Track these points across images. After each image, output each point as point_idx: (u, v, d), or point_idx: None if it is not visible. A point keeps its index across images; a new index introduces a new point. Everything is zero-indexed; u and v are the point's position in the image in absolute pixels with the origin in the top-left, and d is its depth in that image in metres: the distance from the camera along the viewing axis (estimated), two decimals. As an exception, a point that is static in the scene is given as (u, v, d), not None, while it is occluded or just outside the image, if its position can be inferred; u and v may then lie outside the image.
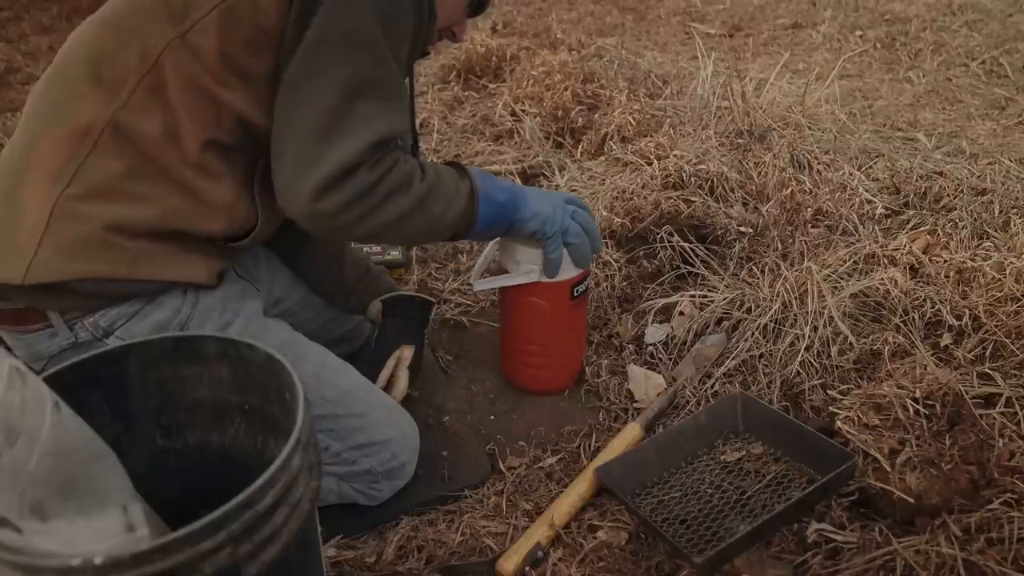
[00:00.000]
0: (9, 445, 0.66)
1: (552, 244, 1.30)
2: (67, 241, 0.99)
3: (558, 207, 1.29)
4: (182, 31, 0.99)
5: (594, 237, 1.35)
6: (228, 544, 0.68)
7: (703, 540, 1.15)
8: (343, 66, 0.98)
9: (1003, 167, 2.11)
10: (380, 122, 1.01)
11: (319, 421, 1.16)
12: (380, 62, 1.01)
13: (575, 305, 1.44)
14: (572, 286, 1.40)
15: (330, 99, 0.98)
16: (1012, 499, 1.11)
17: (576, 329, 1.52)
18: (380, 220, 1.05)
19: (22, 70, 3.68)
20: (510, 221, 1.24)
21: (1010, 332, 1.41)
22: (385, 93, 1.03)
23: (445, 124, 2.70)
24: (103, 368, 0.89)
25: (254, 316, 1.18)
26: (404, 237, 1.18)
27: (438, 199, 1.11)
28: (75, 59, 1.04)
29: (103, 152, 1.00)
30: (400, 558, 1.19)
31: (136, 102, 1.00)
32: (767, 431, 1.33)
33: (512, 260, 1.38)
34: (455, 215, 1.15)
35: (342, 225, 1.03)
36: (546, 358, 1.49)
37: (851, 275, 1.61)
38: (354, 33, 0.98)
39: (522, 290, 1.39)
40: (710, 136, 2.12)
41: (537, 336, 1.46)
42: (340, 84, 0.98)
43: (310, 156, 0.98)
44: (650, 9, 4.43)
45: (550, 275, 1.35)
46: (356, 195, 1.00)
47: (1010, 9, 3.81)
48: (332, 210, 1.00)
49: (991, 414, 1.25)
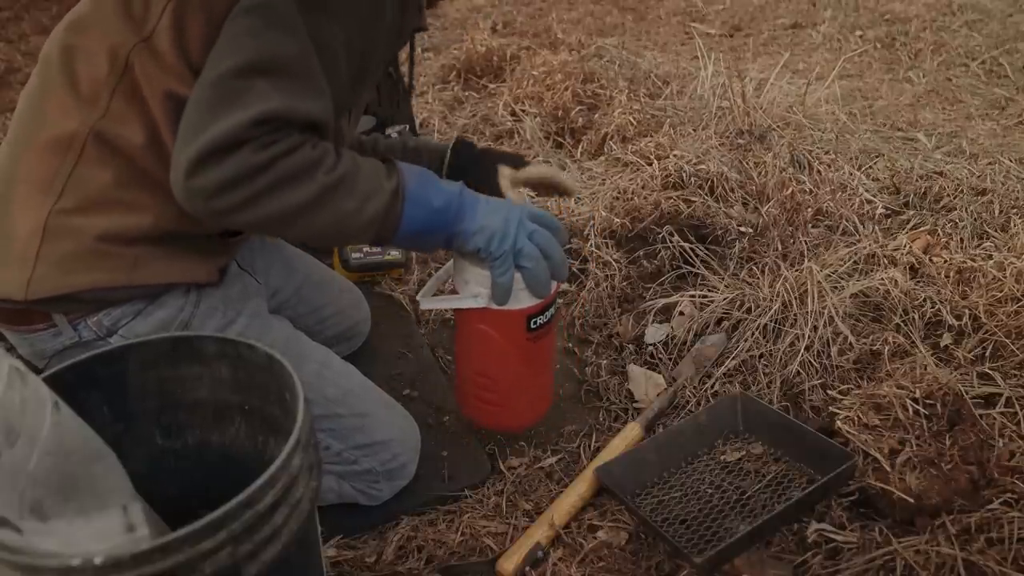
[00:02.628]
0: (9, 445, 0.66)
1: (500, 266, 1.11)
2: (63, 255, 0.99)
3: (512, 222, 1.09)
4: (144, 35, 0.96)
5: (555, 262, 1.14)
6: (228, 544, 0.68)
7: (703, 540, 1.15)
8: (250, 39, 0.91)
9: (1003, 167, 2.11)
10: (272, 99, 0.90)
11: (320, 420, 1.16)
12: (292, 40, 0.93)
13: (533, 339, 1.21)
14: (528, 317, 1.19)
15: (226, 70, 0.90)
16: (1012, 499, 1.11)
17: (535, 366, 1.28)
18: (270, 209, 0.93)
19: (22, 70, 3.68)
20: (449, 232, 1.08)
21: (1010, 332, 1.41)
22: (292, 72, 0.93)
23: (445, 124, 2.70)
24: (103, 368, 0.89)
25: (257, 314, 1.18)
26: (309, 234, 1.00)
27: (351, 194, 0.98)
28: (51, 66, 1.01)
29: (89, 162, 0.98)
30: (400, 558, 1.19)
31: (114, 111, 0.98)
32: (767, 431, 1.33)
33: (461, 279, 1.19)
34: (372, 215, 1.00)
35: (220, 209, 0.91)
36: (498, 394, 1.28)
37: (851, 275, 1.61)
38: (268, 7, 0.92)
39: (471, 315, 1.20)
40: (710, 136, 2.12)
41: (489, 369, 1.26)
42: (242, 56, 0.90)
43: (194, 127, 0.89)
44: (650, 9, 4.43)
45: (498, 302, 1.15)
46: (235, 176, 0.89)
47: (1010, 9, 3.81)
48: (206, 189, 0.89)
49: (991, 414, 1.25)
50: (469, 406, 1.35)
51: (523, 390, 1.30)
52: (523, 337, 1.21)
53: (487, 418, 1.34)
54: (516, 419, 1.35)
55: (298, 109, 0.92)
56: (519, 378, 1.27)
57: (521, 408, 1.33)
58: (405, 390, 1.53)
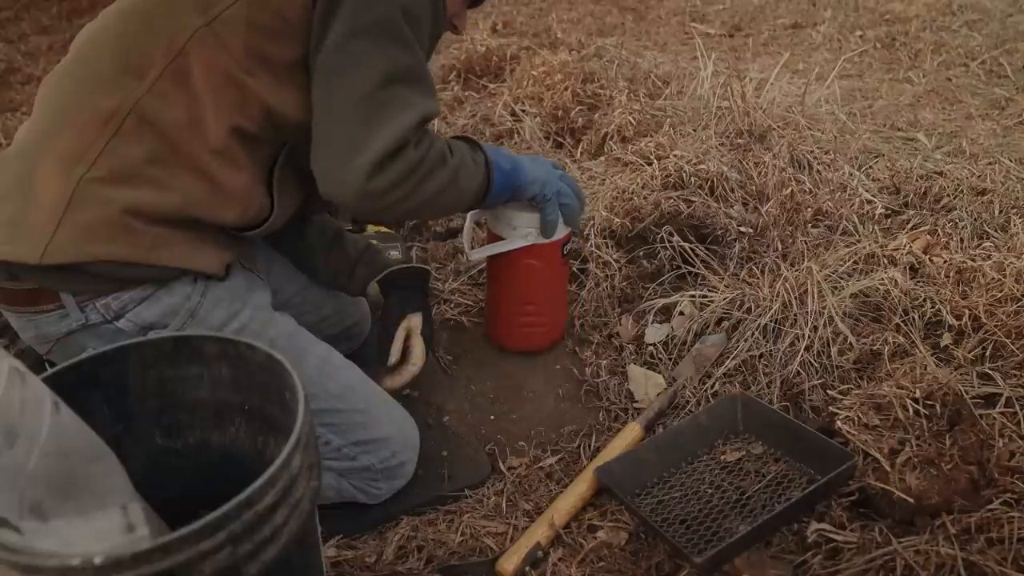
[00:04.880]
0: (9, 445, 0.66)
1: (550, 206, 1.38)
2: (87, 222, 1.00)
3: (549, 172, 1.38)
4: (208, 19, 1.02)
5: (581, 198, 1.45)
6: (228, 544, 0.68)
7: (703, 540, 1.15)
8: (378, 54, 1.04)
9: (1003, 167, 2.11)
10: (419, 104, 1.08)
11: (320, 415, 1.17)
12: (410, 50, 1.08)
13: (564, 262, 1.55)
14: (562, 245, 1.49)
15: (370, 85, 1.04)
16: (1012, 499, 1.11)
17: (564, 285, 1.64)
18: (423, 195, 1.12)
19: (22, 70, 3.69)
20: (515, 187, 1.31)
21: (1010, 332, 1.41)
22: (418, 78, 1.09)
23: (445, 124, 2.70)
24: (103, 368, 0.89)
25: (262, 307, 1.20)
26: (439, 209, 1.26)
27: (466, 172, 1.20)
28: (99, 48, 1.06)
29: (126, 137, 1.02)
30: (400, 558, 1.19)
31: (160, 88, 1.02)
32: (767, 431, 1.33)
33: (508, 226, 1.44)
34: (477, 185, 1.24)
35: (391, 202, 1.08)
36: (541, 316, 1.58)
37: (851, 275, 1.61)
38: (384, 23, 1.04)
39: (518, 254, 1.47)
40: (710, 136, 2.12)
41: (533, 296, 1.55)
42: (378, 71, 1.04)
43: (358, 139, 1.04)
44: (650, 9, 4.43)
45: (548, 236, 1.43)
46: (406, 172, 1.07)
47: (1010, 9, 3.81)
48: (384, 187, 1.06)
49: (991, 414, 1.25)
50: (515, 336, 1.62)
51: (558, 307, 1.63)
52: (559, 262, 1.53)
53: (532, 341, 1.63)
54: (555, 332, 1.65)
55: (434, 109, 1.11)
56: (556, 298, 1.61)
57: (558, 322, 1.65)
58: (405, 390, 1.52)
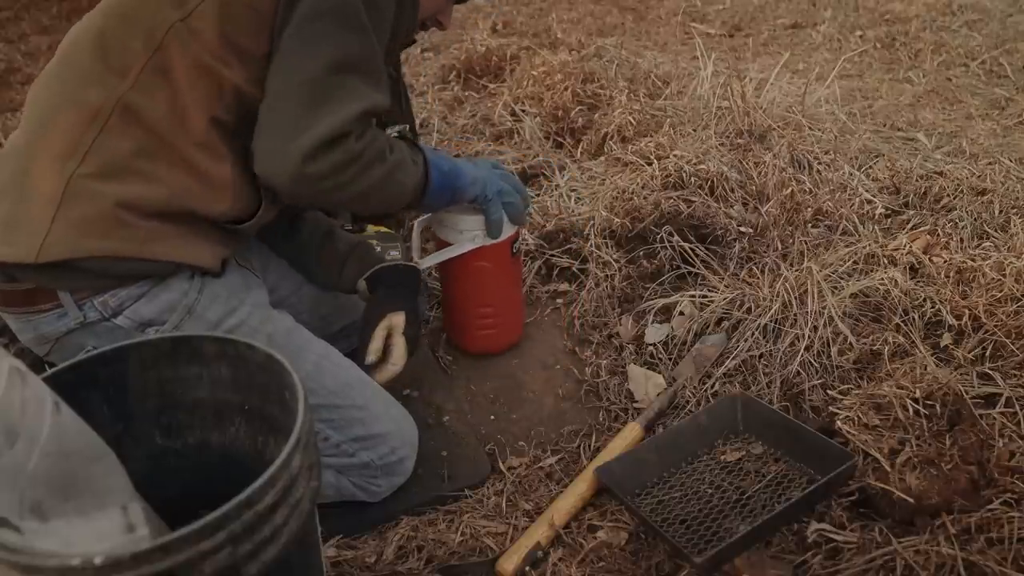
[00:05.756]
0: (9, 445, 0.66)
1: (493, 206, 1.39)
2: (80, 218, 1.02)
3: (490, 172, 1.39)
4: (184, 14, 1.04)
5: (523, 195, 1.46)
6: (228, 544, 0.68)
7: (703, 540, 1.15)
8: (331, 41, 1.05)
9: (1003, 167, 2.10)
10: (366, 96, 1.08)
11: (319, 411, 1.17)
12: (365, 41, 1.08)
13: (514, 261, 1.55)
14: (511, 243, 1.50)
15: (319, 70, 1.04)
16: (1012, 499, 1.11)
17: (517, 285, 1.64)
18: (359, 187, 1.12)
19: (22, 70, 3.68)
20: (454, 189, 1.32)
21: (1010, 332, 1.41)
22: (370, 69, 1.10)
23: (445, 124, 2.70)
24: (103, 368, 0.89)
25: (260, 304, 1.21)
26: (373, 204, 1.24)
27: (404, 170, 1.21)
28: (81, 48, 1.08)
29: (113, 132, 1.03)
30: (400, 558, 1.19)
31: (143, 84, 1.04)
32: (767, 431, 1.33)
33: (454, 230, 1.45)
34: (413, 184, 1.24)
35: (325, 189, 1.08)
36: (497, 318, 1.59)
37: (851, 275, 1.61)
38: (343, 9, 1.05)
39: (468, 258, 1.47)
40: (710, 136, 2.12)
41: (488, 298, 1.55)
42: (329, 57, 1.04)
43: (300, 122, 1.04)
44: (650, 9, 4.42)
45: (494, 236, 1.43)
46: (343, 161, 1.07)
47: (1010, 9, 3.80)
48: (319, 174, 1.05)
49: (991, 414, 1.25)
50: (473, 339, 1.62)
51: (514, 307, 1.64)
52: (509, 261, 1.52)
53: (490, 342, 1.62)
54: (514, 333, 1.66)
55: (381, 103, 1.11)
56: (510, 299, 1.61)
57: (516, 322, 1.66)
58: (405, 390, 1.53)
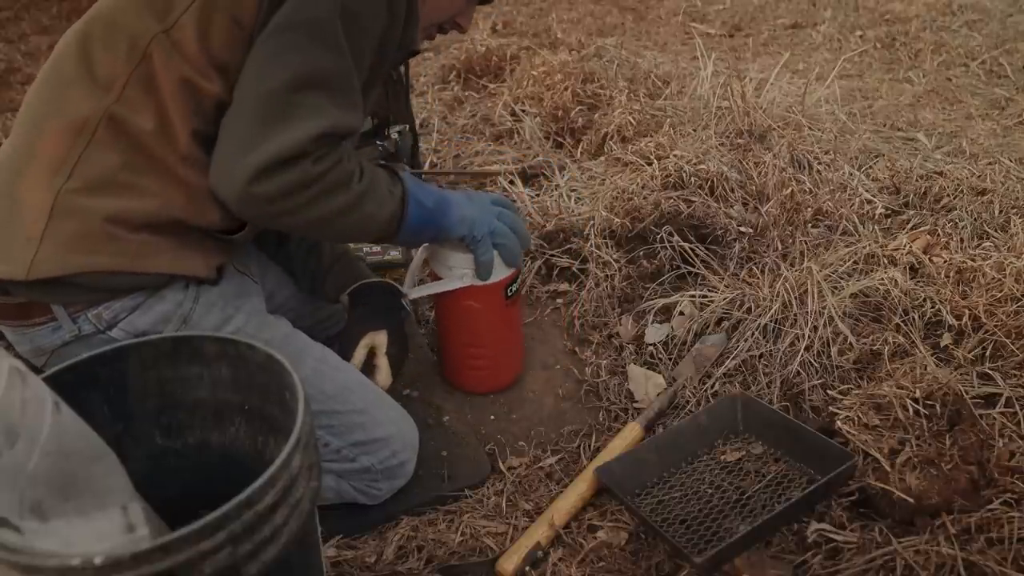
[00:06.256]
0: (9, 445, 0.66)
1: (482, 247, 1.31)
2: (69, 235, 1.00)
3: (484, 210, 1.30)
4: (166, 26, 1.02)
5: (522, 236, 1.36)
6: (228, 544, 0.68)
7: (703, 540, 1.15)
8: (300, 54, 0.99)
9: (1003, 167, 2.10)
10: (328, 115, 1.00)
11: (319, 417, 1.16)
12: (339, 58, 1.02)
13: (509, 304, 1.45)
14: (505, 287, 1.41)
15: (279, 84, 0.98)
16: (1012, 499, 1.11)
17: (513, 327, 1.53)
18: (314, 214, 1.04)
19: (22, 70, 3.68)
20: (438, 226, 1.24)
21: (1010, 332, 1.41)
22: (337, 88, 1.03)
23: (445, 124, 2.70)
24: (103, 368, 0.89)
25: (256, 311, 1.19)
26: (334, 234, 1.19)
27: (373, 199, 1.12)
28: (66, 55, 1.06)
29: (100, 146, 1.01)
30: (400, 558, 1.19)
31: (129, 96, 1.02)
32: (767, 431, 1.33)
33: (444, 266, 1.38)
34: (387, 216, 1.15)
35: (273, 213, 1.02)
36: (486, 359, 1.51)
37: (851, 275, 1.61)
38: (316, 24, 0.99)
39: (457, 295, 1.39)
40: (710, 136, 2.12)
41: (476, 339, 1.48)
42: (294, 71, 0.98)
43: (252, 137, 0.98)
44: (650, 9, 4.43)
45: (483, 278, 1.35)
46: (295, 185, 0.99)
47: (1010, 9, 3.81)
48: (266, 195, 0.99)
49: (991, 414, 1.25)
50: (461, 376, 1.54)
51: (506, 350, 1.54)
52: (502, 304, 1.43)
53: (479, 383, 1.54)
54: (504, 377, 1.56)
55: (348, 124, 1.04)
56: (503, 341, 1.51)
57: (509, 365, 1.56)
58: (405, 390, 1.53)
